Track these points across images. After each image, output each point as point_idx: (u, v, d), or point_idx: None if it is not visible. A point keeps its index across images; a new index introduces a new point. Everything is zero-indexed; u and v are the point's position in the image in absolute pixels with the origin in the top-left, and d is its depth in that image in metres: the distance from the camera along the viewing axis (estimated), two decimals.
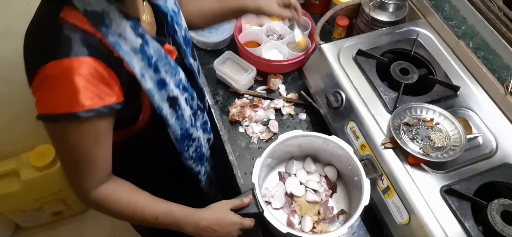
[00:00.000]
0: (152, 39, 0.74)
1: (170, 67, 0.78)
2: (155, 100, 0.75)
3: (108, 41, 0.65)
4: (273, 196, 0.99)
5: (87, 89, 0.62)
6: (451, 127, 0.95)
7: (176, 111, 0.81)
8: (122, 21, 0.67)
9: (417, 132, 0.94)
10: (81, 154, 0.69)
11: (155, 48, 0.74)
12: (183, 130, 0.85)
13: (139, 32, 0.71)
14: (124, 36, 0.67)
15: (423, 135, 0.94)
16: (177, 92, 0.80)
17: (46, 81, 0.61)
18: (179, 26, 0.86)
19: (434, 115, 0.97)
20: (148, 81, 0.72)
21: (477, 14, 1.10)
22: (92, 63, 0.62)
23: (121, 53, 0.67)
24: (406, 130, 0.95)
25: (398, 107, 0.98)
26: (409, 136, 0.94)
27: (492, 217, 0.81)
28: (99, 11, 0.64)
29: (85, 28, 0.63)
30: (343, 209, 0.98)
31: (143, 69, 0.71)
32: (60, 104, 0.62)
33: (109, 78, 0.65)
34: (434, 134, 0.94)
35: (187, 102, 0.85)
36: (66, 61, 0.60)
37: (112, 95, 0.66)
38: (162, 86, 0.75)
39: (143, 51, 0.70)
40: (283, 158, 1.06)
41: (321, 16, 1.31)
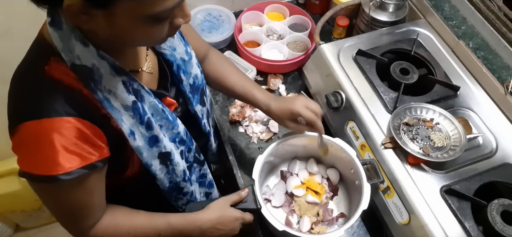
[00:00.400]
0: (149, 94, 0.71)
1: (167, 121, 0.75)
2: (144, 157, 0.72)
3: (96, 98, 0.63)
4: (273, 194, 0.99)
5: (68, 151, 0.59)
6: (451, 127, 0.94)
7: (167, 166, 0.78)
8: (114, 78, 0.64)
9: (417, 132, 0.94)
10: (71, 207, 0.68)
11: (151, 104, 0.71)
12: (172, 184, 0.83)
13: (133, 88, 0.68)
14: (115, 93, 0.65)
15: (423, 135, 0.94)
16: (171, 146, 0.77)
17: (26, 140, 0.60)
18: (186, 74, 0.82)
19: (434, 115, 0.97)
20: (138, 139, 0.69)
21: (477, 14, 1.10)
22: (74, 123, 0.60)
23: (109, 110, 0.64)
24: (406, 130, 0.95)
25: (398, 107, 0.98)
26: (409, 136, 0.94)
27: (492, 217, 0.81)
28: (89, 67, 0.61)
29: (71, 84, 0.61)
30: (343, 212, 0.98)
31: (134, 126, 0.68)
32: (39, 165, 0.60)
33: (94, 137, 0.63)
34: (434, 134, 0.94)
35: (183, 155, 0.83)
36: (46, 122, 0.58)
37: (95, 153, 0.63)
38: (154, 142, 0.73)
39: (135, 108, 0.67)
40: (286, 157, 1.05)
41: (321, 16, 1.31)
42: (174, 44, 0.80)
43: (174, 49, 0.80)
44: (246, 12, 1.41)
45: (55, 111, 0.59)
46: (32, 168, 0.60)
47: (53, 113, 0.58)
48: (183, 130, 0.81)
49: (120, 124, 0.66)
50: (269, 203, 1.00)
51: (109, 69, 0.64)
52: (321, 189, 1.00)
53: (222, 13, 1.45)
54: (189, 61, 0.83)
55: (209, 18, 1.43)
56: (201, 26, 1.41)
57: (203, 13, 1.44)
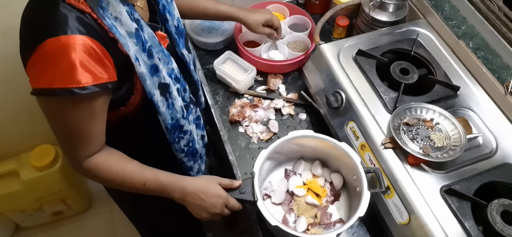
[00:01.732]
0: (147, 25, 0.76)
1: (163, 54, 0.80)
2: (147, 85, 0.76)
3: (104, 22, 0.67)
4: (274, 191, 0.99)
5: (83, 66, 0.63)
6: (451, 127, 0.94)
7: (167, 99, 0.82)
8: (118, 5, 0.69)
9: (417, 132, 0.94)
10: (75, 129, 0.71)
11: (149, 34, 0.76)
12: (174, 120, 0.86)
13: (134, 17, 0.73)
14: (120, 19, 0.69)
15: (423, 135, 0.94)
16: (169, 80, 0.81)
17: (43, 57, 0.62)
18: (171, 15, 0.88)
19: (434, 115, 0.97)
20: (141, 65, 0.74)
21: (477, 14, 1.10)
22: (88, 41, 0.63)
23: (117, 35, 0.68)
24: (406, 130, 0.95)
25: (398, 107, 0.98)
26: (409, 136, 0.94)
27: (492, 217, 0.81)
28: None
29: (81, 8, 0.64)
30: (342, 218, 0.97)
31: (137, 53, 0.73)
32: (56, 79, 0.63)
33: (104, 58, 0.66)
34: (434, 134, 0.94)
35: (179, 93, 0.87)
36: (63, 38, 0.61)
37: (105, 74, 0.67)
38: (154, 71, 0.77)
39: (138, 35, 0.72)
40: (292, 156, 1.05)
41: (321, 16, 1.31)
42: None
43: None
44: None
45: (70, 28, 0.62)
46: (47, 82, 0.63)
47: (68, 31, 0.62)
48: (177, 68, 0.85)
49: (127, 49, 0.70)
50: (269, 199, 1.00)
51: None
52: (323, 192, 0.99)
53: None
54: (171, 2, 0.89)
55: None
56: (201, 26, 1.41)
57: None
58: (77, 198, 1.87)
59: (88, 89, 0.64)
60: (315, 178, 1.02)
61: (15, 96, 1.38)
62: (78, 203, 1.91)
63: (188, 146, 0.96)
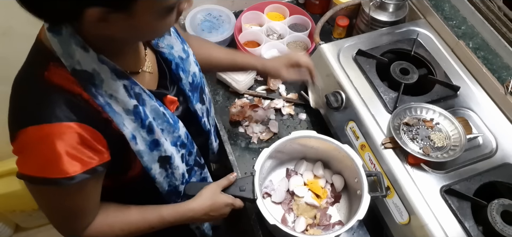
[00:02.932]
0: (150, 97, 0.71)
1: (168, 125, 0.75)
2: (144, 161, 0.72)
3: (97, 102, 0.62)
4: (274, 190, 0.99)
5: (69, 155, 0.60)
6: (451, 127, 0.94)
7: (167, 170, 0.78)
8: (115, 82, 0.64)
9: (417, 132, 0.94)
10: (66, 211, 0.68)
11: (152, 107, 0.71)
12: (171, 187, 0.83)
13: (135, 92, 0.68)
14: (116, 97, 0.64)
15: (423, 135, 0.94)
16: (171, 150, 0.77)
17: (27, 145, 0.60)
18: (185, 72, 0.82)
19: (434, 115, 0.97)
20: (139, 143, 0.69)
21: (477, 14, 1.10)
22: (75, 128, 0.60)
23: (111, 114, 0.64)
24: (406, 130, 0.95)
25: (398, 107, 0.98)
26: (409, 136, 0.94)
27: (492, 217, 0.81)
28: (89, 71, 0.61)
29: (71, 89, 0.60)
30: (341, 220, 0.97)
31: (135, 130, 0.68)
32: (41, 169, 0.60)
33: (95, 142, 0.63)
34: (434, 134, 0.94)
35: (183, 158, 0.83)
36: (46, 127, 0.58)
37: (96, 158, 0.63)
38: (154, 146, 0.73)
39: (136, 112, 0.67)
40: (295, 156, 1.05)
41: (321, 16, 1.31)
42: (171, 42, 0.80)
43: (172, 47, 0.80)
44: (246, 12, 1.41)
45: (55, 116, 0.59)
46: (32, 170, 0.60)
47: (53, 119, 0.58)
48: (184, 134, 0.81)
49: (122, 128, 0.66)
50: (269, 198, 0.99)
51: (110, 74, 0.64)
52: (323, 193, 0.99)
53: (222, 13, 1.45)
54: (186, 59, 0.83)
55: (209, 18, 1.43)
56: (201, 26, 1.41)
57: (203, 13, 1.44)
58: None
59: (76, 178, 0.61)
60: (316, 179, 1.02)
61: None
62: None
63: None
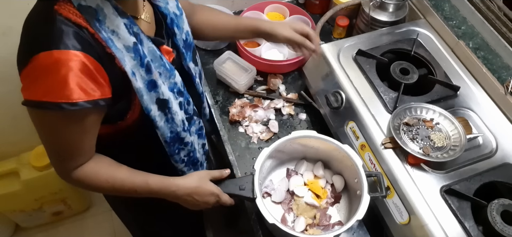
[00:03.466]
0: (148, 39, 0.75)
1: (165, 69, 0.78)
2: (144, 101, 0.75)
3: (101, 37, 0.66)
4: (274, 189, 0.99)
5: (74, 82, 0.63)
6: (451, 127, 0.94)
7: (166, 114, 0.81)
8: (116, 18, 0.68)
9: (417, 132, 0.94)
10: (65, 142, 0.71)
11: (149, 48, 0.75)
12: (173, 134, 0.85)
13: (133, 31, 0.71)
14: (118, 33, 0.68)
15: (423, 135, 0.94)
16: (169, 95, 0.80)
17: (36, 69, 0.62)
18: (179, 29, 0.86)
19: (434, 115, 0.97)
20: (138, 81, 0.72)
21: (477, 14, 1.10)
22: (81, 57, 0.63)
23: (113, 49, 0.68)
24: (406, 130, 0.95)
25: (398, 107, 0.98)
26: (409, 136, 0.94)
27: (492, 217, 0.81)
28: (93, 7, 0.65)
29: (78, 22, 0.64)
30: (341, 220, 0.97)
31: (135, 68, 0.71)
32: (47, 92, 0.63)
33: (98, 74, 0.66)
34: (434, 134, 0.94)
35: (182, 106, 0.86)
36: (56, 53, 0.61)
37: (97, 91, 0.66)
38: (152, 87, 0.75)
39: (136, 49, 0.71)
40: (295, 156, 1.05)
41: (321, 16, 1.31)
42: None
43: (167, 3, 0.84)
44: (246, 12, 1.40)
45: (64, 44, 0.62)
46: (38, 95, 0.63)
47: (62, 46, 0.62)
48: (181, 82, 0.84)
49: (123, 64, 0.69)
50: (269, 198, 1.00)
51: (112, 10, 0.67)
52: (323, 193, 0.99)
53: None
54: (180, 15, 0.87)
55: None
56: None
57: None
58: (77, 198, 1.87)
59: (78, 105, 0.64)
60: (317, 179, 1.02)
61: (15, 96, 1.37)
62: (78, 203, 1.91)
63: (189, 157, 0.95)
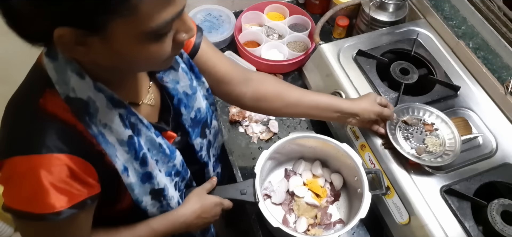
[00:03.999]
0: (147, 128, 0.69)
1: (164, 155, 0.73)
2: (135, 194, 0.70)
3: (91, 133, 0.60)
4: (274, 191, 0.99)
5: (57, 189, 0.57)
6: (448, 132, 0.94)
7: (160, 202, 0.76)
8: (110, 111, 0.62)
9: (414, 133, 0.94)
10: None
11: (148, 137, 0.69)
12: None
13: (130, 121, 0.66)
14: (111, 127, 0.62)
15: (418, 137, 0.94)
16: (165, 181, 0.75)
17: (13, 176, 0.57)
18: (187, 108, 0.80)
19: (436, 120, 0.96)
20: (131, 175, 0.67)
21: (477, 14, 1.10)
22: (66, 160, 0.57)
23: (104, 145, 0.62)
24: (403, 128, 0.95)
25: (398, 105, 0.98)
26: (404, 134, 0.93)
27: (492, 217, 0.81)
28: (84, 99, 0.59)
29: (65, 118, 0.58)
30: (342, 218, 0.97)
31: (128, 162, 0.66)
32: (28, 202, 0.57)
33: (85, 174, 0.60)
34: (430, 138, 0.93)
35: (177, 186, 0.82)
36: (34, 159, 0.56)
37: (85, 191, 0.61)
38: (147, 179, 0.70)
39: (131, 143, 0.65)
40: (292, 156, 1.05)
41: (321, 16, 1.31)
42: (177, 77, 0.77)
43: (177, 82, 0.77)
44: (246, 12, 1.41)
45: (45, 147, 0.56)
46: (18, 204, 0.58)
47: (43, 149, 0.56)
48: (180, 162, 0.80)
49: (114, 161, 0.63)
50: (269, 199, 1.00)
51: (106, 102, 0.61)
52: (323, 192, 0.99)
53: (222, 13, 1.45)
54: (192, 95, 0.80)
55: (209, 18, 1.43)
56: (201, 26, 1.40)
57: (203, 13, 1.44)
58: None
59: (63, 214, 0.58)
60: (315, 178, 1.02)
61: None
62: None
63: None
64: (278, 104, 0.91)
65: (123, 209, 0.74)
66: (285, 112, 0.95)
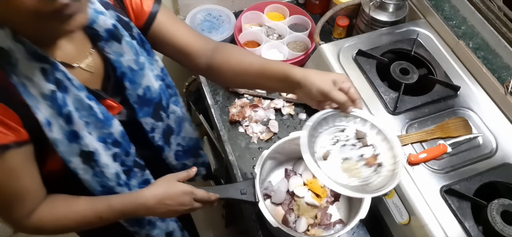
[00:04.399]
0: (77, 88, 0.69)
1: (96, 119, 0.72)
2: (60, 151, 0.69)
3: (12, 82, 0.62)
4: (274, 191, 0.99)
5: None
6: (389, 156, 0.78)
7: (92, 167, 0.75)
8: (30, 63, 0.63)
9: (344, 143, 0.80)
10: None
11: (76, 97, 0.69)
12: (105, 188, 0.79)
13: (55, 77, 0.66)
14: (32, 79, 0.63)
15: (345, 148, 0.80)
16: (96, 146, 0.73)
17: None
18: (133, 83, 0.79)
19: (374, 139, 0.80)
20: (55, 131, 0.67)
21: (477, 14, 1.10)
22: None
23: (25, 96, 0.63)
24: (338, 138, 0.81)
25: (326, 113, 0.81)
26: (333, 140, 0.80)
27: (492, 217, 0.81)
28: (5, 48, 0.60)
29: None
30: (342, 219, 0.97)
31: (52, 117, 0.66)
32: None
33: (7, 119, 0.62)
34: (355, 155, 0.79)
35: (116, 157, 0.79)
36: None
37: (11, 134, 0.63)
38: (74, 138, 0.70)
39: (53, 98, 0.65)
40: (292, 156, 1.05)
41: (321, 16, 1.31)
42: (121, 50, 0.76)
43: (121, 55, 0.76)
44: (246, 12, 1.41)
45: None
46: None
47: None
48: (119, 132, 0.78)
49: (36, 112, 0.64)
50: (269, 199, 1.00)
51: (26, 54, 0.62)
52: (323, 192, 0.99)
53: (222, 13, 1.45)
54: (139, 71, 0.79)
55: (209, 18, 1.43)
56: (201, 26, 1.41)
57: (203, 13, 1.44)
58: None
59: None
60: (315, 178, 1.02)
61: None
62: None
63: None
64: (230, 75, 0.87)
65: (55, 171, 0.74)
66: (236, 82, 0.92)
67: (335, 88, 0.76)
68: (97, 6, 0.72)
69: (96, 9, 0.72)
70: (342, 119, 0.81)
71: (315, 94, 0.76)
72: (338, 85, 0.77)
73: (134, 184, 0.86)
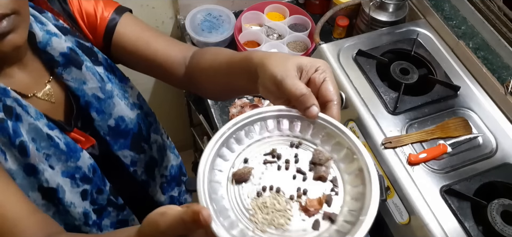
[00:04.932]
0: (35, 118, 0.63)
1: (58, 151, 0.65)
2: (18, 184, 0.63)
3: None
4: None
5: None
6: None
7: (56, 205, 0.68)
8: None
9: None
10: None
11: (31, 126, 0.62)
12: (70, 226, 0.71)
13: (5, 104, 0.60)
14: None
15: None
16: (61, 182, 0.66)
17: None
18: (101, 114, 0.72)
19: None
20: (10, 161, 0.61)
21: (477, 14, 1.10)
22: None
23: None
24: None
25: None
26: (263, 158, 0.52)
27: (492, 217, 0.81)
28: None
29: None
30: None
31: (5, 146, 0.61)
32: None
33: None
34: None
35: (87, 195, 0.71)
36: None
37: None
38: (31, 172, 0.63)
39: (3, 127, 0.59)
40: None
41: (321, 16, 1.31)
42: (82, 76, 0.69)
43: (83, 82, 0.69)
44: (246, 12, 1.41)
45: None
46: None
47: None
48: (89, 166, 0.70)
49: None
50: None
51: None
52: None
53: (222, 13, 1.45)
54: (107, 99, 0.72)
55: (209, 18, 1.43)
56: (201, 26, 1.41)
57: (203, 13, 1.44)
58: None
59: None
60: None
61: None
62: None
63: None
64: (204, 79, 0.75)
65: None
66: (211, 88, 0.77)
67: (295, 76, 0.52)
68: (50, 27, 0.66)
69: (49, 31, 0.65)
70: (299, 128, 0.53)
71: (268, 84, 0.54)
72: (304, 72, 0.54)
73: (106, 224, 0.78)
